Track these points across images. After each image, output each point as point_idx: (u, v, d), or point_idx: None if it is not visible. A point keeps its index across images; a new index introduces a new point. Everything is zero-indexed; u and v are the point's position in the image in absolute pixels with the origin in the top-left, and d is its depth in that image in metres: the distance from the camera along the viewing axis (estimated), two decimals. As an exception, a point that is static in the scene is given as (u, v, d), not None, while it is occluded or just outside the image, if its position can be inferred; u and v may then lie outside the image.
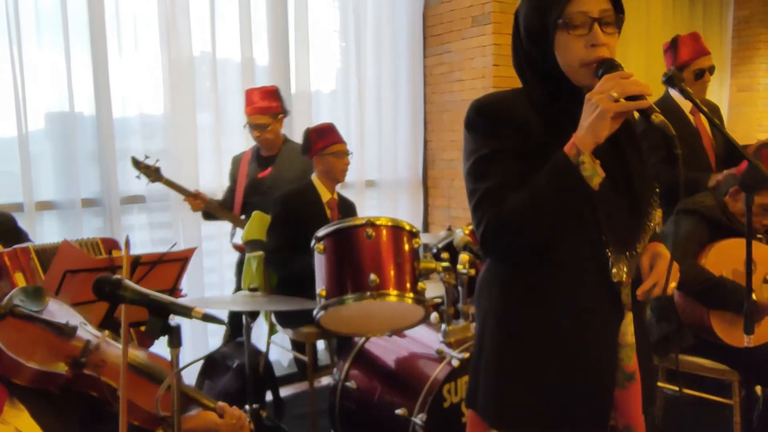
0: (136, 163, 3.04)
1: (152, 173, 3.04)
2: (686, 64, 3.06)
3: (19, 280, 1.91)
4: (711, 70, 3.07)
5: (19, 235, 2.25)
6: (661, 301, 2.69)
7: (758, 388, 2.73)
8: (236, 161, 3.46)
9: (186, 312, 1.30)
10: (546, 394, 1.34)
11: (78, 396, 1.43)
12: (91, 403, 1.46)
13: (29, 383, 1.33)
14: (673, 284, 1.31)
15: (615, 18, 1.27)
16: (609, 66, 1.22)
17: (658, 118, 1.15)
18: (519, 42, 1.39)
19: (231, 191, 3.45)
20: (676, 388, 3.16)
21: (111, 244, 2.29)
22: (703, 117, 3.07)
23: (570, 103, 1.30)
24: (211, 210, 3.27)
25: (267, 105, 3.23)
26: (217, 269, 3.73)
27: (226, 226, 3.67)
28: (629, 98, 1.14)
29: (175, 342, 1.30)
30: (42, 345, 1.41)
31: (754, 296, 2.05)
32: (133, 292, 1.30)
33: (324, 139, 3.10)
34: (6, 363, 1.30)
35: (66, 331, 1.45)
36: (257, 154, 3.40)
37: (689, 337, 2.67)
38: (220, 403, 1.67)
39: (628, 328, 1.36)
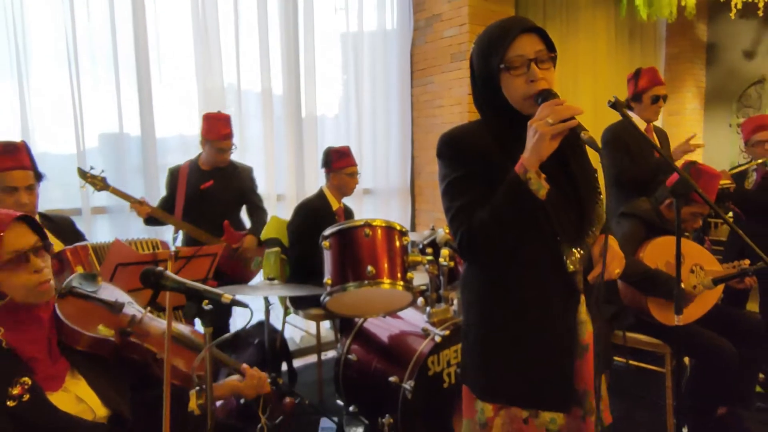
0: (83, 174, 2.72)
1: (98, 182, 2.72)
2: (645, 90, 3.04)
3: (79, 271, 1.90)
4: (664, 98, 3.07)
5: (77, 235, 2.24)
6: (608, 287, 2.70)
7: (686, 359, 2.75)
8: (173, 174, 3.10)
9: (216, 298, 1.30)
10: (521, 370, 1.35)
11: (128, 365, 1.44)
12: (138, 371, 1.47)
13: (86, 348, 1.34)
14: (618, 270, 1.32)
15: (548, 56, 1.28)
16: (545, 95, 1.23)
17: (586, 135, 1.17)
18: (475, 83, 1.40)
19: (169, 200, 3.09)
20: (621, 359, 3.18)
21: (153, 243, 2.28)
22: (653, 133, 3.09)
23: (522, 131, 1.30)
24: (156, 215, 2.87)
25: (231, 131, 3.04)
26: (241, 262, 3.72)
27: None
28: (563, 121, 1.16)
29: (208, 322, 1.30)
30: (96, 318, 1.43)
31: (682, 284, 2.06)
32: (173, 281, 1.31)
33: (343, 160, 3.16)
34: (66, 332, 1.32)
35: (115, 307, 1.47)
36: (197, 168, 3.08)
37: (631, 317, 2.68)
38: (244, 365, 1.68)
39: (582, 308, 1.37)
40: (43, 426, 1.17)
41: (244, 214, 3.31)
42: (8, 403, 1.13)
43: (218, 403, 2.48)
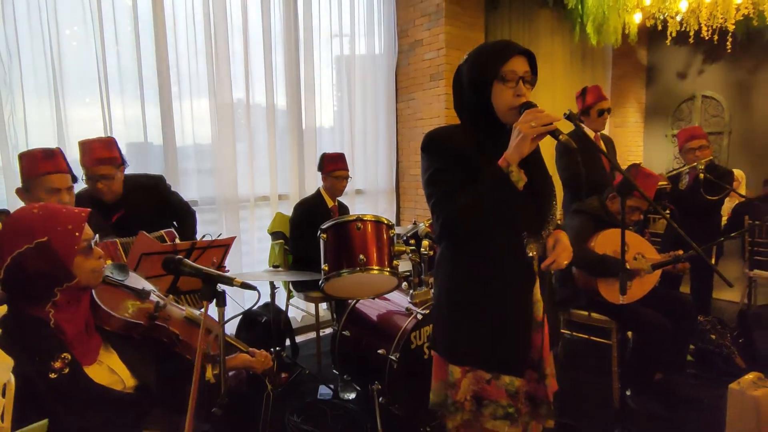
0: None
1: None
2: (591, 105, 3.06)
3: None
4: (608, 110, 3.10)
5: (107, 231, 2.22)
6: (564, 273, 2.73)
7: (629, 333, 2.78)
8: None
9: (229, 281, 1.30)
10: (484, 338, 1.36)
11: (153, 341, 1.43)
12: (163, 346, 1.46)
13: (118, 329, 1.33)
14: (566, 261, 1.34)
15: (531, 78, 1.32)
16: (528, 106, 1.26)
17: (563, 137, 1.22)
18: (459, 90, 1.40)
19: None
20: (575, 334, 3.22)
21: (172, 236, 2.26)
22: (600, 141, 3.12)
23: (494, 136, 1.34)
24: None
25: (111, 154, 2.25)
26: (250, 253, 3.70)
27: (259, 222, 3.67)
28: (544, 126, 1.19)
29: (221, 302, 1.30)
30: (127, 303, 1.42)
31: (627, 266, 2.09)
32: (191, 267, 1.30)
33: (333, 165, 3.13)
34: (102, 314, 1.31)
35: (142, 294, 1.46)
36: (98, 203, 2.24)
37: (583, 297, 2.70)
38: (252, 349, 1.68)
39: (536, 289, 1.39)
40: (79, 397, 1.16)
41: None
42: (50, 375, 1.12)
43: (231, 373, 2.48)
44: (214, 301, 1.30)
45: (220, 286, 1.32)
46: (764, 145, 5.52)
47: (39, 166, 1.88)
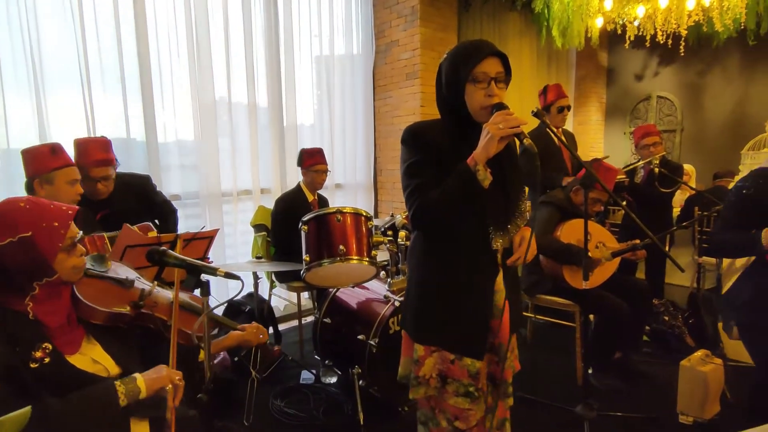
0: None
1: None
2: (552, 102, 3.10)
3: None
4: (568, 107, 3.14)
5: (94, 225, 2.16)
6: (531, 260, 2.76)
7: (591, 316, 2.85)
8: None
9: (213, 272, 1.27)
10: (447, 321, 1.38)
11: (140, 329, 1.39)
12: (150, 333, 1.42)
13: (103, 322, 1.28)
14: (530, 257, 1.35)
15: (505, 78, 1.31)
16: (499, 107, 1.26)
17: (527, 141, 1.21)
18: (440, 87, 1.40)
19: None
20: (541, 317, 3.27)
21: (146, 229, 2.19)
22: (563, 138, 3.16)
23: (470, 133, 1.33)
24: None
25: (108, 156, 2.23)
26: (233, 245, 3.64)
27: (242, 215, 3.61)
28: (512, 128, 1.20)
29: (205, 292, 1.27)
30: (110, 294, 1.36)
31: (590, 254, 2.13)
32: (175, 258, 1.27)
33: (312, 159, 3.09)
34: (83, 309, 1.25)
35: (126, 284, 1.40)
36: (85, 200, 2.11)
37: (549, 283, 2.74)
38: (242, 325, 1.65)
39: (499, 280, 1.40)
40: (65, 382, 1.12)
41: None
42: (31, 365, 1.08)
43: (216, 360, 2.45)
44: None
45: (204, 277, 1.29)
46: (712, 142, 5.70)
47: (56, 160, 1.94)
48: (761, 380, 1.81)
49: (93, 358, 1.22)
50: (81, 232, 1.26)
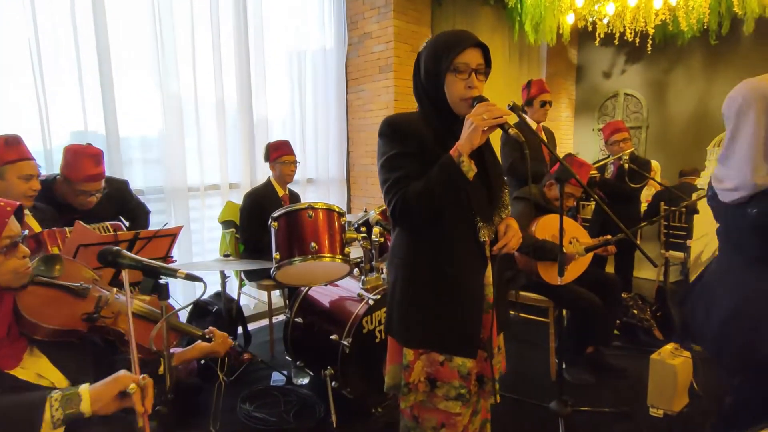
0: None
1: None
2: (535, 96, 3.10)
3: (55, 252, 1.69)
4: (550, 102, 3.15)
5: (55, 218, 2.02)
6: (506, 256, 2.74)
7: (564, 311, 2.85)
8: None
9: (172, 273, 1.17)
10: (437, 322, 1.32)
11: (94, 340, 1.26)
12: (105, 345, 1.30)
13: (49, 338, 1.14)
14: (515, 246, 1.31)
15: (485, 70, 1.28)
16: (480, 99, 1.23)
17: (513, 131, 1.20)
18: (419, 78, 1.34)
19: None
20: (515, 313, 3.27)
21: (116, 227, 2.07)
22: (542, 131, 3.15)
23: (451, 125, 1.29)
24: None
25: (100, 171, 2.17)
26: (200, 242, 3.49)
27: (210, 211, 3.46)
28: (495, 119, 1.17)
29: (164, 296, 1.17)
30: (61, 306, 1.22)
31: (565, 250, 2.11)
32: (130, 259, 1.16)
33: (277, 151, 2.97)
34: (25, 324, 1.12)
35: (80, 293, 1.27)
36: (52, 200, 2.12)
37: (523, 279, 2.73)
38: (211, 328, 1.55)
39: (488, 273, 1.35)
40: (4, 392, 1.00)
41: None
42: None
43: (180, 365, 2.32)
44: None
45: (163, 278, 1.19)
46: (676, 138, 5.85)
47: (8, 153, 1.82)
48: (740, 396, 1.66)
49: (37, 372, 1.10)
50: (26, 231, 1.13)
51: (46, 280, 1.22)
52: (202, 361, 2.47)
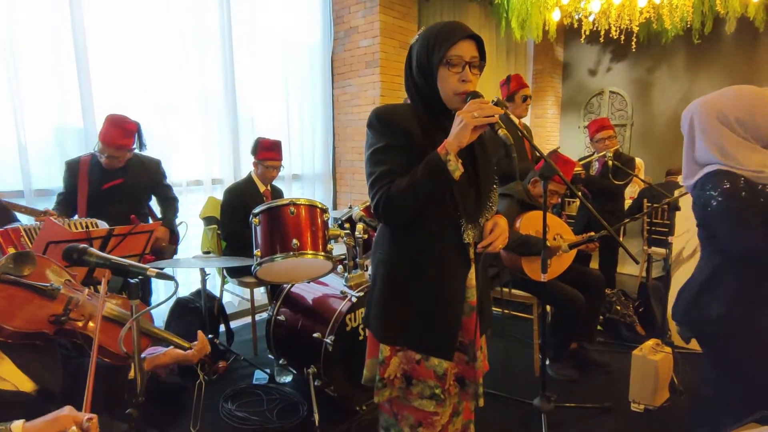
0: None
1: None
2: (515, 92, 3.11)
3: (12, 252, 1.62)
4: (530, 97, 3.18)
5: (9, 216, 1.93)
6: (490, 253, 2.73)
7: (548, 308, 2.86)
8: (72, 168, 2.45)
9: (143, 272, 1.12)
10: (415, 321, 1.29)
11: (61, 342, 1.21)
12: (73, 347, 1.25)
13: (13, 340, 1.09)
14: (501, 245, 1.28)
15: (479, 64, 1.24)
16: (473, 95, 1.19)
17: (502, 131, 1.15)
18: (410, 71, 1.29)
19: (68, 196, 2.46)
20: (500, 310, 3.27)
21: (91, 222, 2.00)
22: (522, 128, 3.14)
23: (442, 119, 1.25)
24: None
25: (126, 143, 2.41)
26: (184, 238, 3.40)
27: (192, 207, 3.38)
28: (486, 117, 1.13)
29: (133, 295, 1.12)
30: (27, 306, 1.16)
31: (548, 244, 2.10)
32: (98, 257, 1.11)
33: (266, 153, 2.88)
34: None
35: (49, 293, 1.20)
36: (98, 167, 2.44)
37: (508, 276, 2.72)
38: (189, 344, 1.49)
39: (472, 275, 1.32)
40: None
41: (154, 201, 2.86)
42: None
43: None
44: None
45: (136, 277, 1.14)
46: (660, 136, 5.90)
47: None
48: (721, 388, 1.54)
49: (0, 376, 1.05)
50: None
51: (12, 278, 1.16)
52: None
